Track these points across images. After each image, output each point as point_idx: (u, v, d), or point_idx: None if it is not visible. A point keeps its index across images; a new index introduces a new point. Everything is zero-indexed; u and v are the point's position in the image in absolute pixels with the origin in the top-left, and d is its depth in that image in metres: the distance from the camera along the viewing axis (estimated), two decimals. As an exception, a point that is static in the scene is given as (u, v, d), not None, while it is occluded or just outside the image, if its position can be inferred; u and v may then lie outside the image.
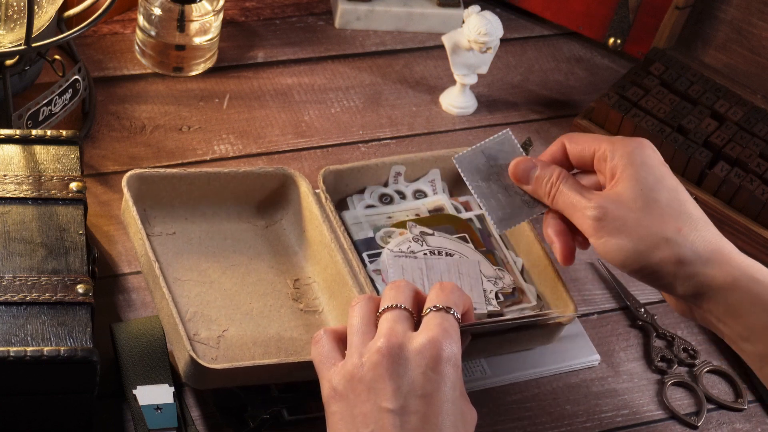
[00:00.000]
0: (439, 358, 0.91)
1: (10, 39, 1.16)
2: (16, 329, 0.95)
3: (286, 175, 1.15)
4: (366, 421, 0.90)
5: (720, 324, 0.97)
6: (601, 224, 0.97)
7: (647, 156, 0.99)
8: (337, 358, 0.94)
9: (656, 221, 0.96)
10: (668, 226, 0.96)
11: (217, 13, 1.30)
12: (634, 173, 0.98)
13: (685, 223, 0.97)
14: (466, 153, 1.06)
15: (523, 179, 1.03)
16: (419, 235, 1.14)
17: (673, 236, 0.96)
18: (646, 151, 0.99)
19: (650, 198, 0.97)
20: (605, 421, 1.11)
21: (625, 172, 0.98)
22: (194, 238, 1.13)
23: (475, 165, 1.06)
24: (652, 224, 0.96)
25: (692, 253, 0.96)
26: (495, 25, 1.28)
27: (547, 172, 1.02)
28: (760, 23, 1.32)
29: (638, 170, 0.98)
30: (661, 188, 0.98)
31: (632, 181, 0.98)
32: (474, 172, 1.06)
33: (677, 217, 0.97)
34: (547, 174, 1.02)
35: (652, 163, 0.99)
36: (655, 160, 0.99)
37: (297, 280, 1.12)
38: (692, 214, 0.97)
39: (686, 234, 0.96)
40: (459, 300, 0.96)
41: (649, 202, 0.97)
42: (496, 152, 1.07)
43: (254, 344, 1.06)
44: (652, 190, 0.97)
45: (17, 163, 1.07)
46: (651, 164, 0.98)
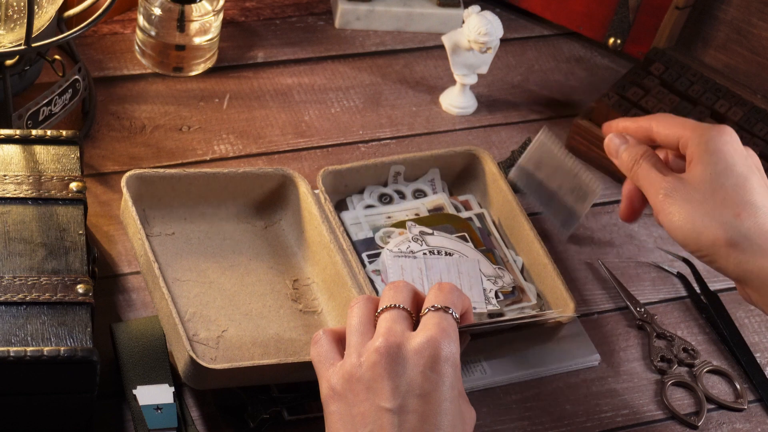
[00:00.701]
0: (437, 358, 0.91)
1: (10, 39, 1.16)
2: (16, 329, 0.96)
3: (286, 175, 1.15)
4: (364, 421, 0.90)
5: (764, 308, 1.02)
6: (668, 201, 1.03)
7: (723, 142, 1.04)
8: (336, 358, 0.95)
9: (718, 204, 1.01)
10: (727, 210, 1.01)
11: (217, 13, 1.30)
12: (706, 158, 1.03)
13: (745, 209, 1.01)
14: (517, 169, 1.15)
15: (612, 153, 1.09)
16: (419, 235, 1.14)
17: (729, 220, 1.01)
18: (723, 137, 1.04)
19: (717, 183, 1.02)
20: (605, 421, 1.11)
21: (698, 157, 1.04)
22: (193, 238, 1.13)
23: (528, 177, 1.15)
24: (714, 207, 1.02)
25: (745, 239, 1.00)
26: (495, 25, 1.28)
27: (633, 150, 1.08)
28: (760, 23, 1.32)
29: (710, 156, 1.03)
30: (729, 174, 1.02)
31: (703, 165, 1.03)
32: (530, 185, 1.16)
33: (738, 203, 1.01)
34: (633, 152, 1.07)
35: (726, 149, 1.03)
36: (730, 146, 1.04)
37: (296, 280, 1.12)
38: (755, 203, 1.02)
39: (743, 220, 1.01)
40: (458, 300, 0.96)
41: (715, 187, 1.02)
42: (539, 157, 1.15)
43: (253, 345, 1.06)
44: (720, 175, 1.02)
45: (17, 163, 1.07)
46: (724, 151, 1.03)
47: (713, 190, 1.02)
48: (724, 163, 1.03)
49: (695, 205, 1.02)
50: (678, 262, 1.23)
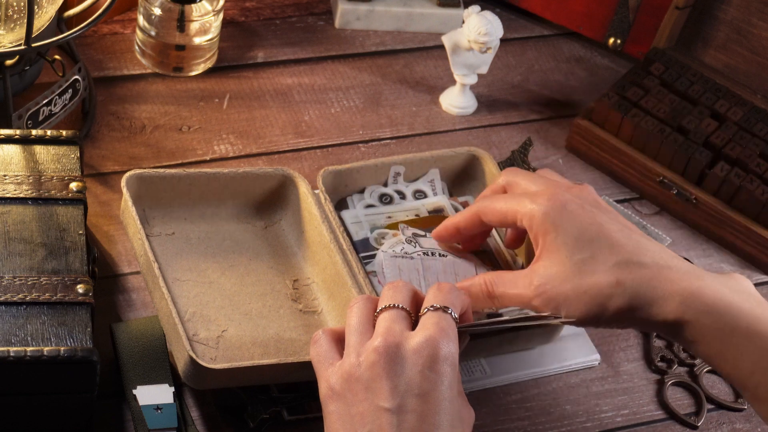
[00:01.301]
0: (436, 357, 0.91)
1: (10, 39, 1.16)
2: (16, 329, 0.96)
3: (285, 175, 1.15)
4: (363, 421, 0.90)
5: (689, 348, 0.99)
6: (551, 305, 0.98)
7: (561, 213, 0.99)
8: (335, 358, 0.95)
9: (592, 282, 0.97)
10: (604, 282, 0.97)
11: (217, 13, 1.30)
12: (555, 239, 0.99)
13: (621, 271, 0.97)
14: None
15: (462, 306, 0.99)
16: (412, 237, 1.14)
17: (612, 291, 0.97)
18: (559, 204, 1.00)
19: (577, 260, 0.98)
20: (605, 421, 1.11)
21: (546, 240, 0.99)
22: (193, 238, 1.13)
23: None
24: (590, 287, 0.97)
25: (636, 299, 0.97)
26: (495, 25, 1.28)
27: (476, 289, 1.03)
28: (760, 23, 1.32)
29: (557, 235, 0.99)
30: (584, 244, 0.98)
31: (555, 248, 0.99)
32: None
33: (609, 268, 0.97)
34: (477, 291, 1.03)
35: (567, 220, 0.99)
36: (571, 213, 0.99)
37: (296, 280, 1.12)
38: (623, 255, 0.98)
39: (623, 282, 0.97)
40: (457, 300, 0.96)
41: (577, 265, 0.98)
42: None
43: (253, 344, 1.06)
44: (575, 252, 0.98)
45: (17, 163, 1.07)
46: (568, 222, 0.99)
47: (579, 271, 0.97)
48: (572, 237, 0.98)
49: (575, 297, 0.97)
50: (678, 262, 1.23)
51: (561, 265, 0.98)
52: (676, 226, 1.27)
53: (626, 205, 1.28)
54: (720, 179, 1.24)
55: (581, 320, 0.98)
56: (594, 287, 0.97)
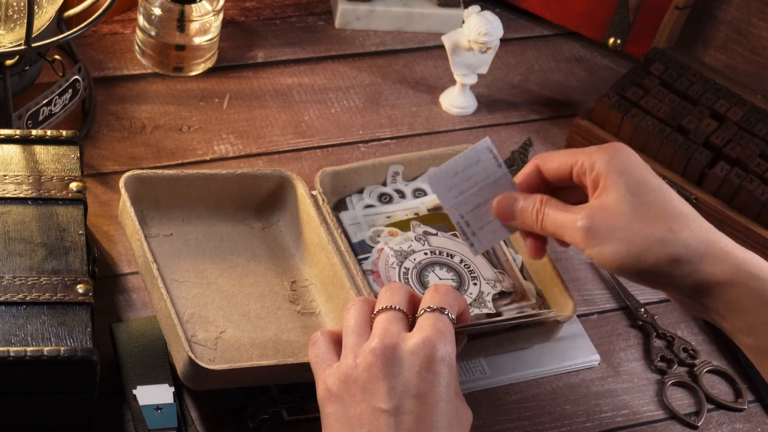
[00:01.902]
0: (433, 358, 0.91)
1: (10, 39, 1.16)
2: (16, 329, 0.96)
3: (284, 177, 1.15)
4: (361, 422, 0.90)
5: (720, 319, 0.97)
6: (592, 234, 0.96)
7: (627, 160, 0.98)
8: (333, 360, 0.94)
9: (646, 223, 0.96)
10: (659, 227, 0.95)
11: (217, 13, 1.30)
12: (617, 179, 0.97)
13: (676, 221, 0.96)
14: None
15: (508, 216, 1.02)
16: (422, 235, 1.14)
17: (664, 236, 0.95)
18: (625, 155, 0.99)
19: (636, 201, 0.96)
20: (605, 421, 1.11)
21: (608, 180, 0.98)
22: (191, 239, 1.13)
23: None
24: (642, 227, 0.96)
25: (687, 250, 0.95)
26: (495, 25, 1.28)
27: (529, 202, 1.01)
28: (760, 23, 1.32)
29: (620, 176, 0.97)
30: (646, 190, 0.97)
31: (616, 187, 0.97)
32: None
33: (667, 217, 0.96)
34: (530, 204, 1.01)
35: (632, 167, 0.98)
36: (635, 163, 0.98)
37: (294, 282, 1.12)
38: (682, 212, 0.97)
39: (678, 232, 0.95)
40: (453, 301, 0.96)
41: (636, 205, 0.96)
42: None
43: (252, 346, 1.06)
44: (637, 194, 0.97)
45: (17, 163, 1.07)
46: (632, 168, 0.98)
47: (635, 210, 0.96)
48: (636, 180, 0.97)
49: (622, 231, 0.96)
50: (678, 262, 1.23)
51: (619, 202, 0.96)
52: (676, 226, 1.27)
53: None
54: (720, 179, 1.24)
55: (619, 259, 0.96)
56: (647, 228, 0.95)
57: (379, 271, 1.12)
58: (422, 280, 1.13)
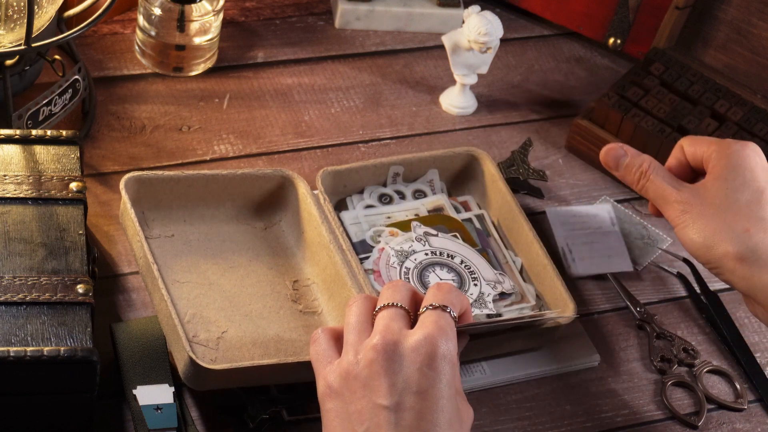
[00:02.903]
0: (434, 355, 0.91)
1: (10, 39, 1.16)
2: (16, 329, 0.96)
3: (285, 176, 1.15)
4: (361, 419, 0.90)
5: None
6: (683, 214, 1.05)
7: (745, 157, 1.05)
8: (333, 357, 0.95)
9: (730, 218, 1.03)
10: (738, 225, 1.02)
11: (217, 13, 1.30)
12: (724, 172, 1.04)
13: (755, 225, 1.02)
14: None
15: (612, 165, 1.10)
16: (422, 236, 1.14)
17: (739, 234, 1.02)
18: (748, 151, 1.06)
19: (732, 196, 1.03)
20: (605, 421, 1.11)
21: (717, 170, 1.05)
22: (193, 240, 1.13)
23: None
24: (726, 220, 1.03)
25: (752, 253, 1.02)
26: (495, 25, 1.28)
27: (636, 160, 1.09)
28: (760, 23, 1.32)
29: (730, 170, 1.04)
30: (745, 189, 1.04)
31: (720, 178, 1.05)
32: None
33: (750, 218, 1.03)
34: (636, 163, 1.09)
35: (746, 164, 1.05)
36: (752, 161, 1.05)
37: (296, 281, 1.12)
38: (766, 218, 1.03)
39: (753, 234, 1.02)
40: (456, 300, 0.96)
41: (730, 200, 1.03)
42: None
43: (253, 345, 1.06)
44: (735, 190, 1.04)
45: (17, 163, 1.07)
46: (745, 165, 1.04)
47: (727, 204, 1.03)
48: (742, 178, 1.04)
49: (709, 219, 1.03)
50: (678, 262, 1.23)
51: (717, 191, 1.04)
52: (676, 226, 1.27)
53: (626, 205, 1.28)
54: (720, 179, 1.24)
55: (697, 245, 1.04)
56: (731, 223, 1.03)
57: (380, 271, 1.12)
58: (423, 280, 1.13)
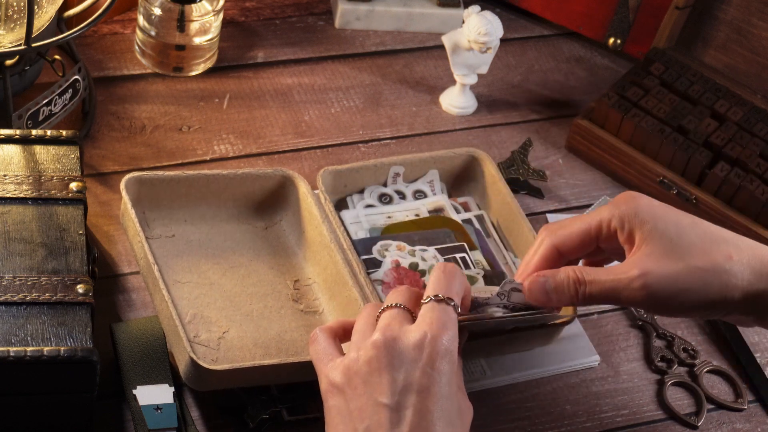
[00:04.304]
0: (435, 353, 0.91)
1: (10, 39, 1.16)
2: (16, 329, 0.96)
3: (285, 176, 1.15)
4: (362, 416, 0.90)
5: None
6: (655, 291, 0.94)
7: (651, 207, 0.97)
8: (334, 354, 0.95)
9: (704, 260, 0.94)
10: (717, 258, 0.94)
11: (217, 13, 1.30)
12: (653, 229, 0.95)
13: (729, 247, 0.95)
14: None
15: (543, 298, 0.97)
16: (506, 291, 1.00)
17: (727, 265, 0.94)
18: (646, 202, 0.97)
19: (683, 243, 0.95)
20: (605, 421, 1.11)
21: (644, 232, 0.95)
22: (194, 240, 1.13)
23: None
24: (705, 264, 0.94)
25: (752, 272, 0.95)
26: (495, 25, 1.28)
27: (561, 275, 0.97)
28: (760, 23, 1.32)
29: (655, 224, 0.95)
30: (685, 230, 0.95)
31: (656, 236, 0.95)
32: None
33: (719, 247, 0.95)
34: (563, 277, 0.97)
35: (660, 211, 0.96)
36: (659, 207, 0.97)
37: (297, 281, 1.12)
38: (726, 238, 0.96)
39: (738, 258, 0.94)
40: (460, 287, 0.95)
41: (685, 247, 0.94)
42: None
43: (255, 345, 1.06)
44: (680, 236, 0.95)
45: (17, 163, 1.07)
46: (661, 213, 0.96)
47: (688, 252, 0.94)
48: (672, 224, 0.95)
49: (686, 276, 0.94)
50: (678, 262, 1.23)
51: (668, 248, 0.94)
52: (676, 226, 1.27)
53: (626, 205, 1.27)
54: (720, 179, 1.24)
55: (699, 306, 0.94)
56: (711, 263, 0.94)
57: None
58: None
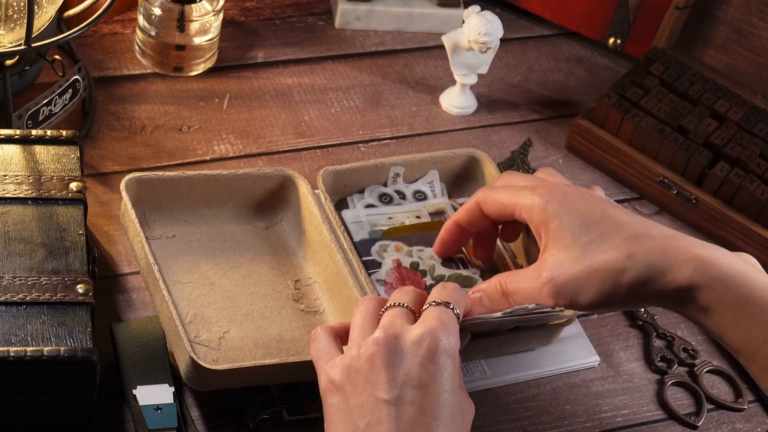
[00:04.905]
0: (435, 349, 0.91)
1: (10, 39, 1.16)
2: (16, 329, 0.96)
3: (285, 176, 1.15)
4: (362, 413, 0.90)
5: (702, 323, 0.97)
6: (562, 294, 0.97)
7: (563, 201, 0.98)
8: (334, 353, 0.95)
9: (602, 260, 0.95)
10: (616, 257, 0.95)
11: (217, 13, 1.30)
12: (559, 226, 0.97)
13: (630, 245, 0.95)
14: None
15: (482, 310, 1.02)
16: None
17: (623, 264, 0.95)
18: (560, 195, 0.99)
19: (585, 241, 0.96)
20: (605, 421, 1.11)
21: (550, 229, 0.98)
22: (194, 240, 1.13)
23: None
24: (600, 265, 0.95)
25: (649, 268, 0.95)
26: (495, 25, 1.28)
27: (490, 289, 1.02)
28: (760, 23, 1.32)
29: (561, 221, 0.97)
30: (590, 226, 0.97)
31: (561, 234, 0.97)
32: None
33: (619, 244, 0.96)
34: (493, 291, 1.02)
35: (570, 205, 0.98)
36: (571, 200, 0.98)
37: (297, 280, 1.12)
38: (629, 232, 0.96)
39: (636, 254, 0.95)
40: (460, 299, 0.96)
41: (587, 246, 0.96)
42: None
43: (255, 345, 1.06)
44: (582, 233, 0.97)
45: (17, 163, 1.07)
46: (568, 208, 0.98)
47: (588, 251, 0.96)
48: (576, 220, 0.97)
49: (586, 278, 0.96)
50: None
51: (568, 250, 0.97)
52: (676, 227, 1.27)
53: (626, 205, 1.28)
54: (720, 179, 1.24)
55: (594, 303, 0.96)
56: (606, 264, 0.95)
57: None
58: None
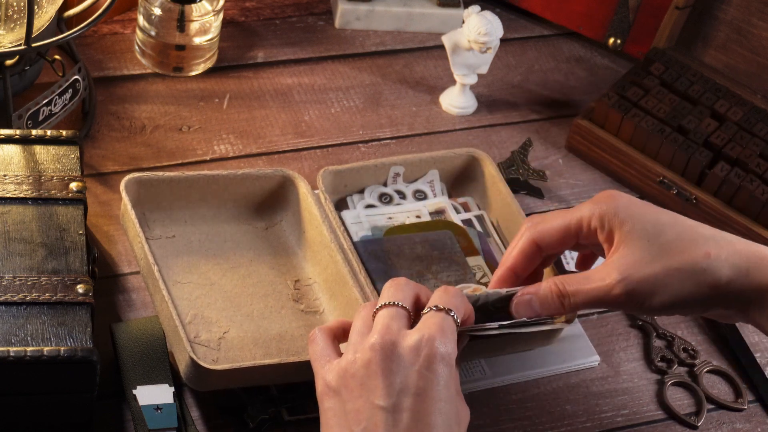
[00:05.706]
0: (433, 358, 0.91)
1: (10, 39, 1.16)
2: (16, 329, 0.96)
3: (285, 176, 1.15)
4: (358, 418, 0.90)
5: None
6: (635, 294, 0.94)
7: (631, 206, 0.97)
8: (332, 356, 0.94)
9: (682, 259, 0.94)
10: (695, 256, 0.94)
11: (217, 13, 1.30)
12: (632, 228, 0.96)
13: (709, 245, 0.95)
14: None
15: (531, 313, 0.99)
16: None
17: (706, 264, 0.94)
18: (626, 201, 0.98)
19: (661, 242, 0.95)
20: (605, 421, 1.11)
21: (623, 232, 0.96)
22: (194, 240, 1.13)
23: None
24: (681, 264, 0.94)
25: (732, 268, 0.94)
26: (495, 25, 1.28)
27: (544, 290, 0.98)
28: (760, 23, 1.32)
29: (634, 224, 0.96)
30: (664, 228, 0.96)
31: (636, 236, 0.95)
32: None
33: (698, 244, 0.95)
34: (545, 292, 0.98)
35: (639, 210, 0.97)
36: (639, 205, 0.97)
37: (297, 280, 1.12)
38: (706, 234, 0.96)
39: (717, 255, 0.94)
40: (461, 305, 0.95)
41: (663, 247, 0.95)
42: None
43: (255, 345, 1.06)
44: (658, 235, 0.95)
45: (17, 163, 1.07)
46: (640, 211, 0.97)
47: (665, 251, 0.94)
48: (650, 222, 0.96)
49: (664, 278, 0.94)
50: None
51: (645, 250, 0.94)
52: (676, 226, 1.27)
53: (626, 205, 1.27)
54: (720, 179, 1.24)
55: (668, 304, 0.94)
56: (686, 263, 0.94)
57: None
58: None
